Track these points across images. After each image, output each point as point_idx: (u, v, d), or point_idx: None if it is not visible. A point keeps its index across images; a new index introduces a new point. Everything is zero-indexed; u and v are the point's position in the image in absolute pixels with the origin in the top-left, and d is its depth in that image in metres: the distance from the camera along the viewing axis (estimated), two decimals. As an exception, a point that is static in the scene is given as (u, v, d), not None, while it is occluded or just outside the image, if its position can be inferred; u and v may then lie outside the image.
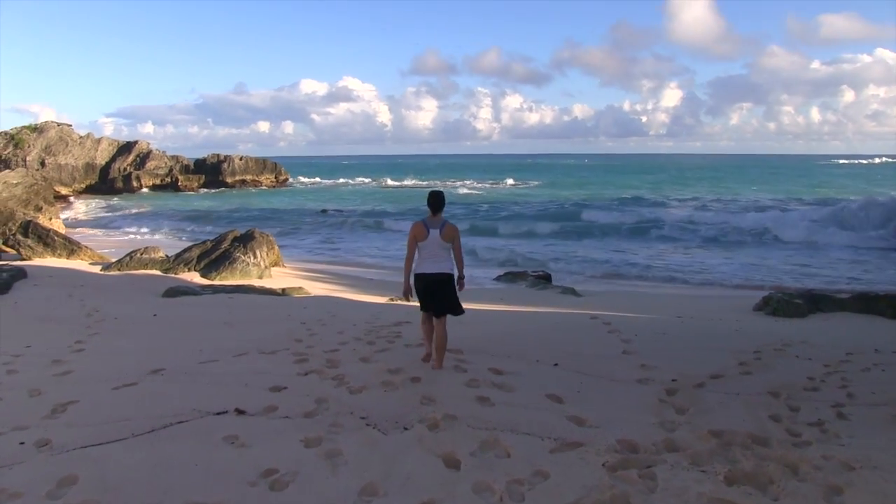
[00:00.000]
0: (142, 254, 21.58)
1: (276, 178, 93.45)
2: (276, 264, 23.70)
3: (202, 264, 21.18)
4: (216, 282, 20.04)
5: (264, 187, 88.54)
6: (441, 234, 7.92)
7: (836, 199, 59.90)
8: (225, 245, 21.96)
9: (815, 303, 15.99)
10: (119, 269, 20.82)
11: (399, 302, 17.40)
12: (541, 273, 23.88)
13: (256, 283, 20.25)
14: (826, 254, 30.94)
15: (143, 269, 21.08)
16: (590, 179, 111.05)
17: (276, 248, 23.86)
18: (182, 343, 10.45)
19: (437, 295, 8.10)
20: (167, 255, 22.09)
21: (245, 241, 22.09)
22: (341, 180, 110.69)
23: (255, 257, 21.38)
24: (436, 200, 8.07)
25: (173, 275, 20.59)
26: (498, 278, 23.30)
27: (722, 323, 14.17)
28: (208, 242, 22.71)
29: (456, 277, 8.29)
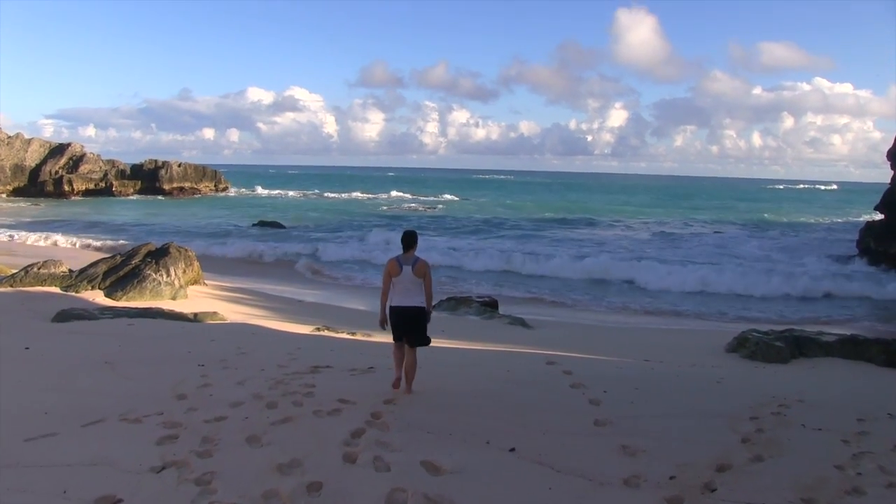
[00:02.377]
0: (40, 268, 18.97)
1: (215, 186, 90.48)
2: (195, 282, 21.28)
3: (108, 282, 18.67)
4: (122, 303, 17.60)
5: (203, 195, 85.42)
6: (413, 271, 8.40)
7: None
8: (136, 260, 19.48)
9: (797, 346, 14.23)
10: (11, 286, 18.21)
11: (325, 333, 15.28)
12: (487, 299, 21.86)
13: (168, 304, 17.86)
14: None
15: (40, 285, 18.50)
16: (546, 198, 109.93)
17: (196, 264, 21.43)
18: (29, 397, 8.07)
19: (409, 326, 8.52)
20: (70, 271, 19.54)
21: (159, 256, 19.64)
22: (280, 191, 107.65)
23: (168, 275, 18.94)
24: (409, 239, 8.58)
25: (74, 293, 18.07)
26: (439, 304, 21.17)
27: (698, 371, 12.31)
28: (118, 257, 20.19)
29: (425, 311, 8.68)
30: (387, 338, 12.42)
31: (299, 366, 10.32)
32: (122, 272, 18.93)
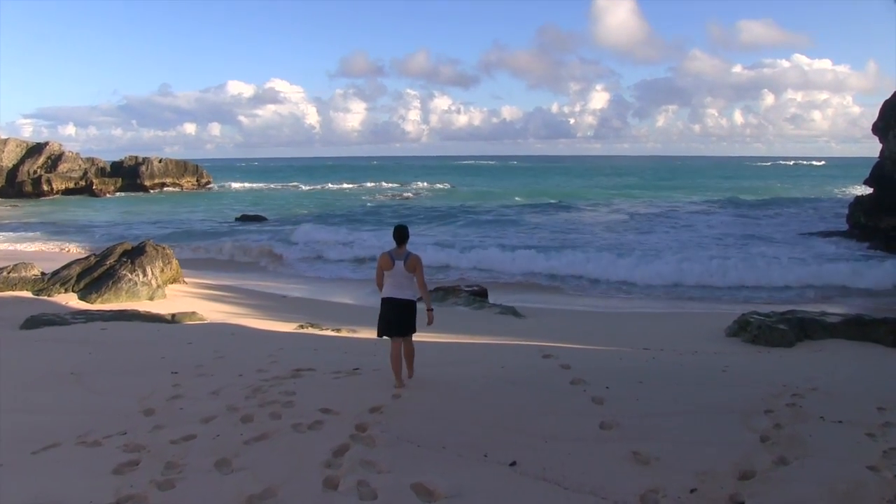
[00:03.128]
0: (10, 272, 18.17)
1: (197, 181, 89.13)
2: (174, 281, 20.55)
3: (82, 284, 17.92)
4: (96, 305, 16.87)
5: (186, 191, 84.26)
6: (405, 265, 8.58)
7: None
8: (111, 260, 18.72)
9: (801, 329, 13.67)
10: (-21, 292, 17.46)
11: (309, 331, 14.64)
12: (476, 288, 21.21)
13: (146, 306, 17.15)
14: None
15: (11, 290, 17.70)
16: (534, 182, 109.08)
17: (175, 262, 20.69)
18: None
19: (401, 317, 8.75)
20: (42, 274, 18.76)
21: (135, 255, 18.88)
22: (263, 185, 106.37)
23: (144, 275, 18.20)
24: (400, 234, 8.72)
25: (46, 297, 17.32)
26: (427, 295, 20.52)
27: (701, 359, 11.71)
28: (92, 258, 19.39)
29: (417, 304, 8.99)
30: (372, 334, 11.88)
31: (280, 370, 9.66)
32: (96, 273, 18.17)
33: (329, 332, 14.61)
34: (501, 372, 9.67)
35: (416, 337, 11.43)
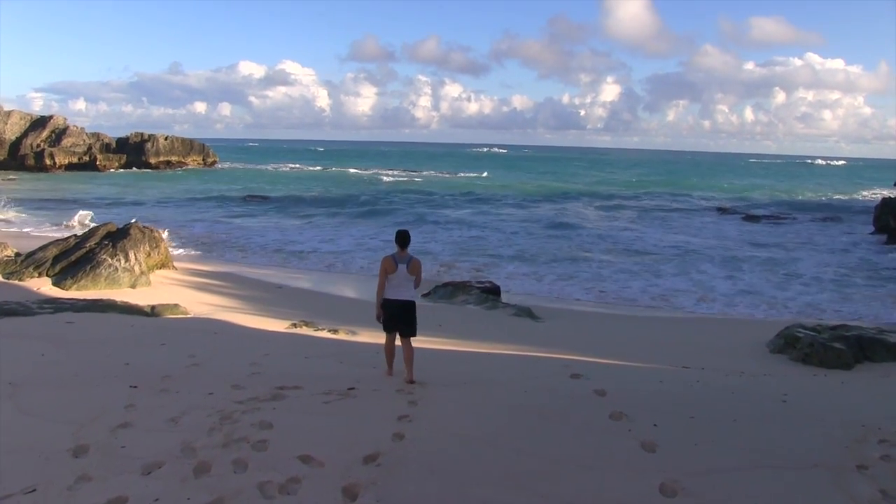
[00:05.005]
0: (-21, 252, 16.65)
1: (203, 160, 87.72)
2: (163, 266, 18.99)
3: (57, 268, 16.34)
4: (71, 293, 15.30)
5: (191, 169, 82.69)
6: (408, 268, 8.85)
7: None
8: (91, 243, 17.13)
9: (860, 348, 12.04)
10: (-57, 273, 15.90)
11: (302, 331, 13.07)
12: (487, 284, 19.57)
13: (126, 294, 15.57)
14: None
15: (-22, 272, 16.19)
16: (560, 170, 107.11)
17: (164, 245, 19.13)
18: None
19: (403, 318, 8.93)
20: (16, 255, 17.19)
21: (118, 238, 17.28)
22: (271, 166, 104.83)
23: (126, 260, 16.59)
24: (403, 238, 8.96)
25: (16, 281, 15.77)
26: (434, 291, 18.88)
27: (753, 384, 10.10)
28: (71, 239, 17.81)
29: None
30: (372, 337, 11.29)
31: (260, 386, 8.05)
32: (73, 257, 16.62)
33: (325, 334, 13.01)
34: (525, 399, 8.04)
35: (425, 342, 10.81)
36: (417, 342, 9.35)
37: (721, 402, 8.52)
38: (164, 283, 17.69)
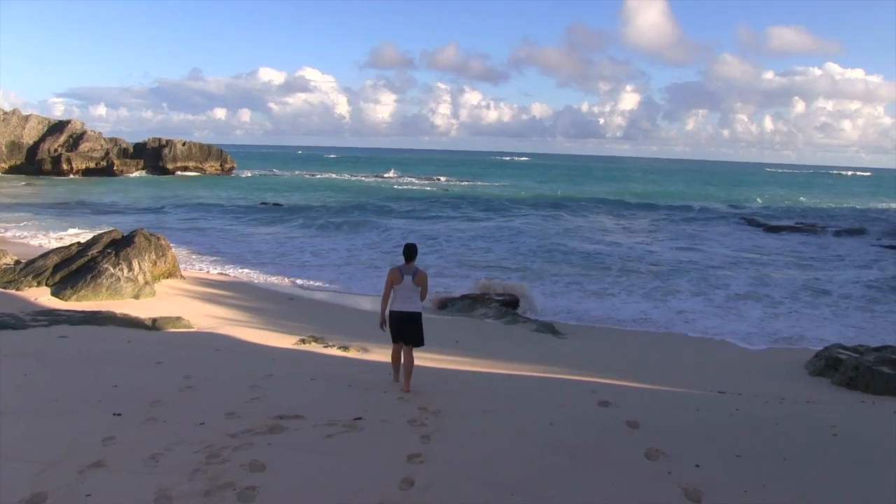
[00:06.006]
0: (-23, 260, 15.98)
1: (221, 165, 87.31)
2: (170, 275, 18.30)
3: (57, 277, 15.66)
4: (70, 303, 14.62)
5: (208, 175, 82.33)
6: (413, 280, 9.02)
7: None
8: (94, 251, 16.44)
9: (907, 372, 11.16)
10: (-60, 282, 15.23)
11: (311, 347, 12.31)
12: (507, 297, 18.75)
13: (129, 305, 14.88)
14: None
15: (-23, 280, 15.52)
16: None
17: (171, 254, 18.43)
18: None
19: (409, 329, 9.09)
20: (16, 262, 16.53)
21: (121, 246, 16.58)
22: (290, 172, 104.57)
23: (129, 269, 15.88)
24: (409, 251, 9.19)
25: (14, 291, 15.10)
26: (452, 303, 18.10)
27: (797, 413, 9.26)
28: (73, 246, 17.11)
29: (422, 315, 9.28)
30: (384, 355, 10.65)
31: (258, 414, 7.29)
32: (74, 266, 15.92)
33: (334, 351, 12.24)
34: (552, 433, 7.19)
35: (441, 360, 11.30)
36: (433, 361, 9.93)
37: (766, 437, 7.67)
38: (170, 293, 16.98)
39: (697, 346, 15.43)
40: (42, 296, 14.98)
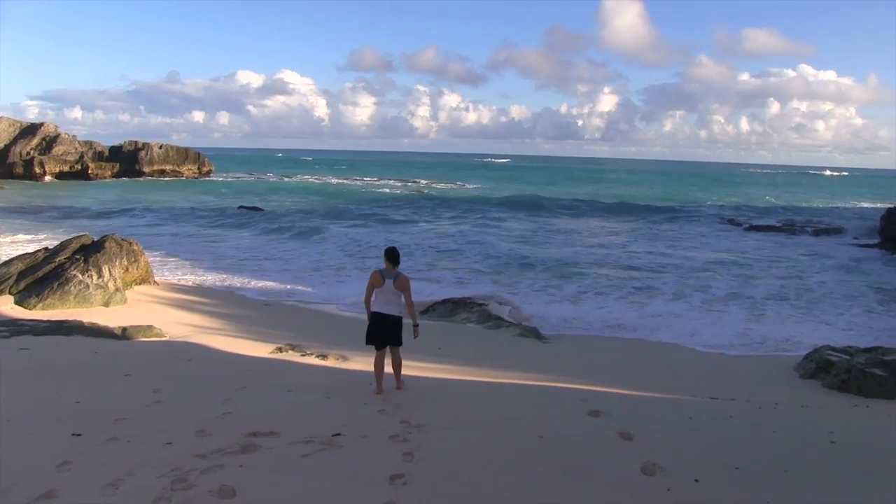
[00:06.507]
0: (-61, 268, 15.36)
1: (198, 169, 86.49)
2: (143, 281, 17.76)
3: (22, 285, 15.09)
4: (35, 312, 14.10)
5: (185, 178, 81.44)
6: (395, 284, 9.02)
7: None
8: (62, 257, 15.89)
9: (898, 374, 10.88)
10: None
11: (288, 356, 11.87)
12: (489, 301, 18.36)
13: (98, 314, 14.34)
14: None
15: (-62, 289, 14.91)
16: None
17: (144, 259, 17.88)
18: None
19: (388, 331, 9.08)
20: (-21, 271, 15.92)
21: (91, 252, 16.03)
22: (267, 175, 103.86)
23: (99, 276, 15.35)
24: (391, 255, 9.15)
25: (-23, 300, 14.52)
26: (433, 307, 17.69)
27: (792, 418, 8.94)
28: (39, 253, 16.52)
29: (403, 320, 9.24)
30: (364, 364, 10.48)
31: (230, 431, 6.83)
32: (40, 273, 15.34)
33: (312, 360, 11.78)
34: (542, 447, 6.76)
35: (424, 368, 11.02)
36: (416, 369, 9.81)
37: (764, 446, 7.29)
38: (142, 300, 16.44)
39: (682, 350, 15.14)
40: (4, 305, 14.42)
